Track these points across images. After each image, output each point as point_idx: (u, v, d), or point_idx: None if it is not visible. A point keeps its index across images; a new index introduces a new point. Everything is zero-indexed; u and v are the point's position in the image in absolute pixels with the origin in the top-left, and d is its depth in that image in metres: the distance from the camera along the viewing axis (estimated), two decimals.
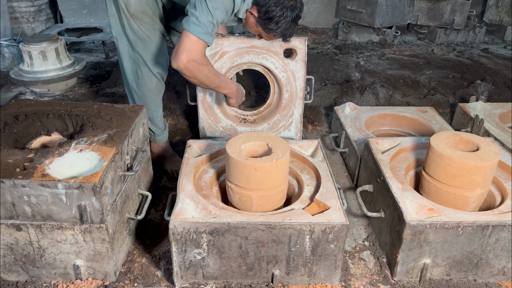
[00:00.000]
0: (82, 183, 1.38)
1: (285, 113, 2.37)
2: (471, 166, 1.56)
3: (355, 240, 1.87)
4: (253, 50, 2.21)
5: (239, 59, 2.22)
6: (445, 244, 1.54)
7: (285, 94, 2.32)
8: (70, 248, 1.52)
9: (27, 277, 1.59)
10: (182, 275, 1.57)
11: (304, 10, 2.00)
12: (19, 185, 1.37)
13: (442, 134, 1.74)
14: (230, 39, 2.19)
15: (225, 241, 1.49)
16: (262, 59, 2.23)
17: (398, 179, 1.74)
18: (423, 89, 3.39)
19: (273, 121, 2.38)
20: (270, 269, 1.56)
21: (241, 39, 2.19)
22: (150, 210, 2.00)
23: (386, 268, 1.70)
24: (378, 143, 1.98)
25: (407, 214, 1.53)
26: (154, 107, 2.15)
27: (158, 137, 2.28)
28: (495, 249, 1.56)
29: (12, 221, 1.46)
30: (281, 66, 2.25)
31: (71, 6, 4.48)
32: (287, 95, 2.32)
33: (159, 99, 2.17)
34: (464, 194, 1.63)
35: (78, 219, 1.45)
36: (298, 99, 2.34)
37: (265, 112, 2.46)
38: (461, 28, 4.84)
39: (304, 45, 2.22)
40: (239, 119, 2.44)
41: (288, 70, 2.26)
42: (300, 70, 2.27)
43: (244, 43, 2.20)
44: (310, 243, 1.50)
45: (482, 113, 2.50)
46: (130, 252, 1.76)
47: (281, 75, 2.27)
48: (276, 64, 2.24)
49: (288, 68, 2.25)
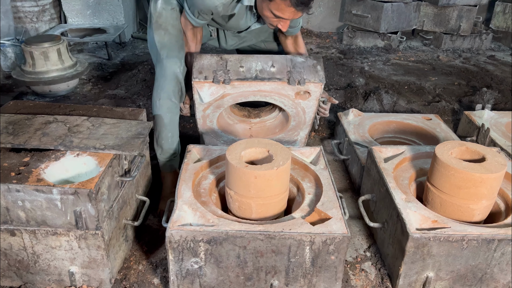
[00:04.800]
0: (77, 189, 1.35)
1: (290, 134, 2.30)
2: (477, 177, 1.52)
3: (356, 250, 1.83)
4: (260, 93, 2.04)
5: (243, 99, 2.07)
6: (449, 257, 1.50)
7: (292, 122, 2.23)
8: (65, 255, 1.49)
9: (21, 282, 1.56)
10: (178, 284, 1.53)
11: (309, 14, 1.94)
12: (14, 189, 1.35)
13: (447, 144, 1.70)
14: (234, 84, 1.98)
15: (223, 250, 1.45)
16: (270, 99, 2.07)
17: (401, 189, 1.70)
18: (428, 96, 3.35)
19: (277, 137, 2.31)
20: (269, 279, 1.52)
21: (248, 83, 1.99)
22: (148, 216, 1.97)
23: (388, 280, 1.66)
24: (382, 151, 1.94)
25: (410, 226, 1.49)
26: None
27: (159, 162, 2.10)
28: (501, 264, 1.51)
29: (6, 226, 1.43)
30: (290, 104, 2.11)
31: (75, 6, 4.47)
32: (294, 123, 2.23)
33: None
34: (469, 206, 1.59)
35: (73, 225, 1.42)
36: (306, 125, 2.24)
37: (268, 123, 2.40)
38: (467, 35, 4.80)
39: (320, 88, 2.02)
40: (242, 130, 2.36)
41: (299, 107, 2.12)
42: (311, 107, 2.12)
43: (251, 87, 2.01)
44: (310, 254, 1.46)
45: (488, 122, 2.46)
46: (127, 259, 1.73)
47: (290, 110, 2.14)
48: (286, 103, 2.09)
49: (298, 106, 2.11)
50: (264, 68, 1.98)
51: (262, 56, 2.01)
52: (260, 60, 2.00)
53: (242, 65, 1.97)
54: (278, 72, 1.99)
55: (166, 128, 1.98)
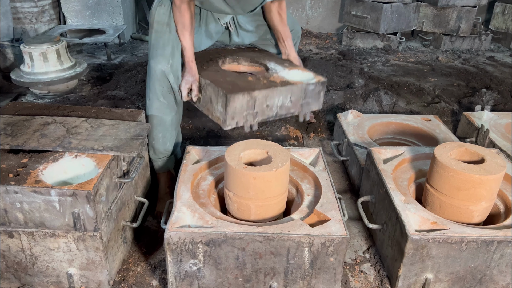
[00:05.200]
0: (75, 190, 1.34)
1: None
2: (476, 178, 1.52)
3: (355, 251, 1.82)
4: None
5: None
6: (448, 259, 1.50)
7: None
8: (63, 256, 1.49)
9: (19, 284, 1.56)
10: (177, 285, 1.53)
11: (308, 15, 1.93)
12: (11, 191, 1.34)
13: (446, 145, 1.70)
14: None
15: (221, 252, 1.45)
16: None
17: (400, 190, 1.70)
18: (427, 97, 3.35)
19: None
20: (268, 281, 1.52)
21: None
22: (147, 217, 1.97)
23: (387, 282, 1.66)
24: (381, 152, 1.94)
25: (409, 227, 1.49)
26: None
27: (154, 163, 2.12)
28: (500, 265, 1.51)
29: (4, 228, 1.42)
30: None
31: (74, 7, 4.47)
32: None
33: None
34: (469, 207, 1.59)
35: (71, 227, 1.42)
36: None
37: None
38: (466, 36, 4.80)
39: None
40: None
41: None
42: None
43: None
44: (309, 255, 1.46)
45: (488, 123, 2.46)
46: (125, 260, 1.72)
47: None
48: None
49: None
50: (284, 103, 1.93)
51: (284, 90, 1.89)
52: (282, 94, 1.90)
53: (268, 103, 1.87)
54: (294, 105, 1.97)
55: (156, 129, 1.99)
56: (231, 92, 1.75)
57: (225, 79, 1.89)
